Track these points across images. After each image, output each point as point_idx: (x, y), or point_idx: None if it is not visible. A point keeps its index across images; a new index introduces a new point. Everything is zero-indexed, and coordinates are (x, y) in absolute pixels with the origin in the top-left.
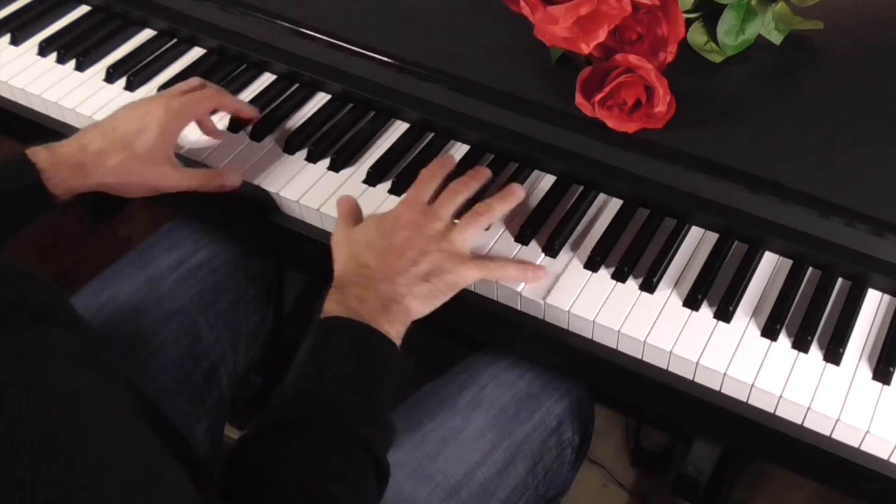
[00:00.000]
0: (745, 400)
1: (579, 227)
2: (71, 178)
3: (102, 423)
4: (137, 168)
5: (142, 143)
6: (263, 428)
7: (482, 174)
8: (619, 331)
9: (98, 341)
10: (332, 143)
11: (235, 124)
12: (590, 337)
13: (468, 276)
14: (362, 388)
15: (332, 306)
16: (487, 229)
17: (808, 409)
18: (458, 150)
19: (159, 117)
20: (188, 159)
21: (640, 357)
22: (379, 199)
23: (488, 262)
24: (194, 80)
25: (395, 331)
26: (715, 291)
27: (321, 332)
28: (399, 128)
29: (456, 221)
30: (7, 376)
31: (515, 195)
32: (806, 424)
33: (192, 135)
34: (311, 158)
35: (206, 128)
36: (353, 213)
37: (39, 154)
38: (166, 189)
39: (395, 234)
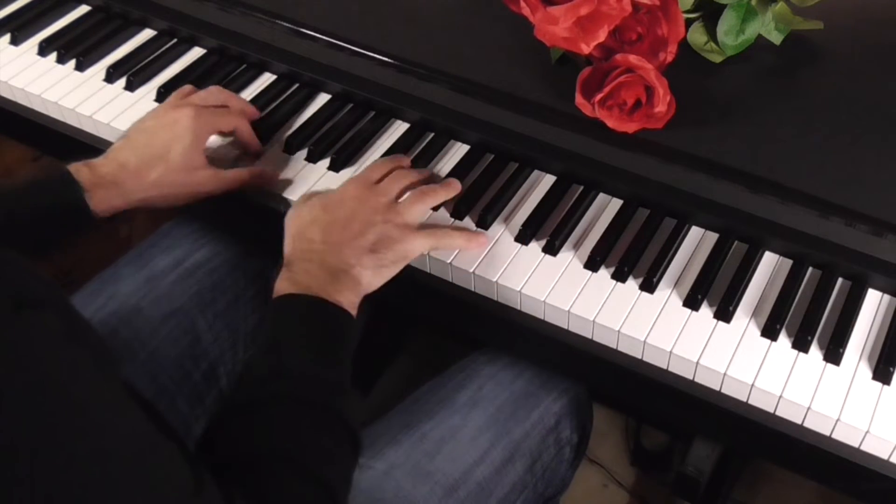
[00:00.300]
0: (745, 400)
1: (579, 227)
2: (112, 198)
3: (94, 398)
4: (177, 179)
5: (176, 153)
6: (236, 407)
7: (426, 174)
8: (619, 331)
9: (89, 328)
10: (332, 143)
11: None
12: (590, 337)
13: (417, 245)
14: (325, 359)
15: (281, 284)
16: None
17: (808, 409)
18: (458, 150)
19: (188, 125)
20: None
21: (640, 357)
22: None
23: (435, 230)
24: (215, 90)
25: (347, 300)
26: (715, 291)
27: (274, 310)
28: (399, 128)
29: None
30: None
31: (453, 187)
32: (806, 424)
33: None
34: (312, 158)
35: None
36: (305, 195)
37: (82, 172)
38: (207, 194)
39: (340, 208)
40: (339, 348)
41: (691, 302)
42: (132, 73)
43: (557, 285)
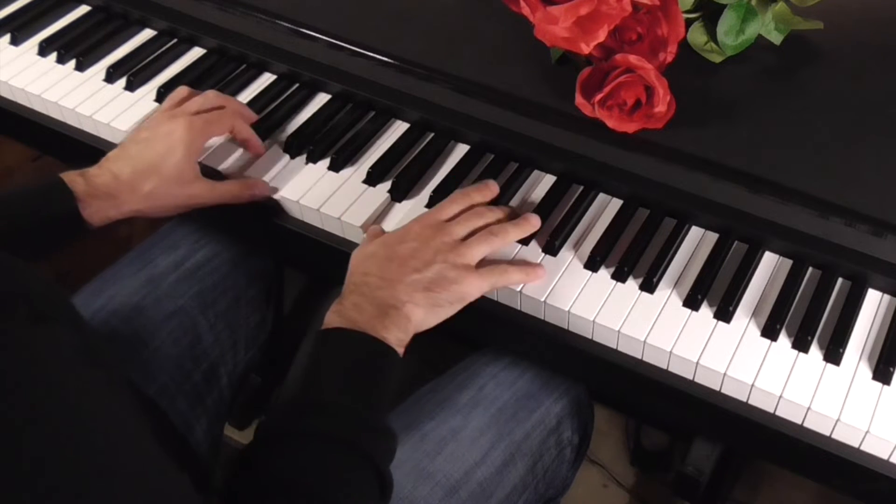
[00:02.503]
0: (745, 400)
1: (579, 227)
2: (106, 208)
3: (105, 419)
4: (170, 191)
5: (170, 165)
6: (265, 438)
7: (506, 212)
8: (619, 331)
9: (98, 340)
10: (332, 144)
11: None
12: (590, 337)
13: (476, 287)
14: (362, 397)
15: (330, 318)
16: None
17: (808, 409)
18: (458, 151)
19: (183, 137)
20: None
21: (640, 357)
22: (379, 199)
23: (493, 269)
24: (211, 95)
25: (394, 337)
26: (715, 291)
27: (318, 342)
28: (399, 128)
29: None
30: (9, 367)
31: (531, 224)
32: (806, 424)
33: None
34: (312, 158)
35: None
36: (374, 234)
37: (77, 182)
38: (199, 206)
39: (402, 245)
40: (380, 386)
41: (691, 302)
42: (132, 73)
43: (557, 285)
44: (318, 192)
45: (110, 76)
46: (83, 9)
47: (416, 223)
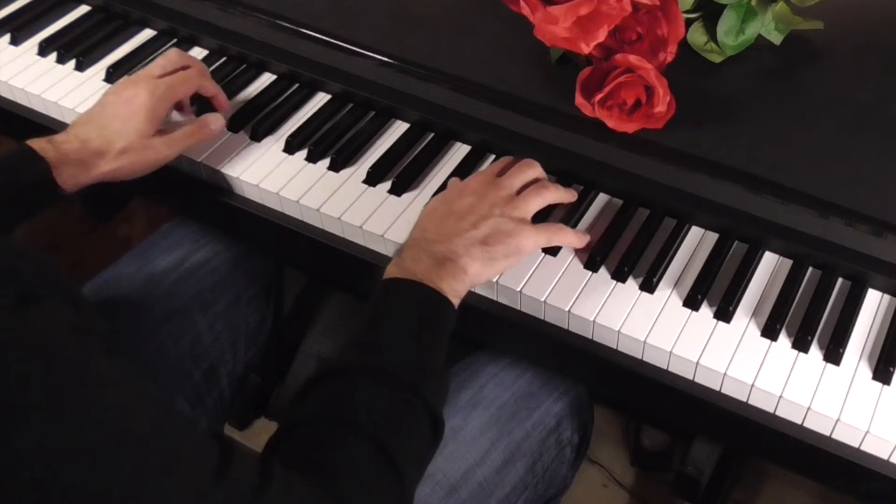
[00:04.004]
0: (745, 400)
1: (579, 228)
2: (78, 174)
3: (107, 382)
4: (136, 155)
5: (133, 129)
6: (325, 372)
7: (557, 186)
8: (619, 331)
9: (98, 316)
10: (332, 143)
11: (236, 123)
12: (590, 337)
13: (530, 240)
14: (418, 341)
15: (391, 269)
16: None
17: (808, 409)
18: (459, 150)
19: (145, 102)
20: (190, 159)
21: (640, 357)
22: (379, 199)
23: (549, 226)
24: (174, 56)
25: (450, 287)
26: (715, 291)
27: (377, 292)
28: (399, 128)
29: None
30: (2, 347)
31: (573, 194)
32: (806, 424)
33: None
34: (311, 158)
35: (184, 110)
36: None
37: (46, 150)
38: (165, 162)
39: (459, 201)
40: (435, 331)
41: (691, 302)
42: (132, 73)
43: (557, 285)
44: (318, 192)
45: (110, 76)
46: (83, 9)
47: (473, 179)
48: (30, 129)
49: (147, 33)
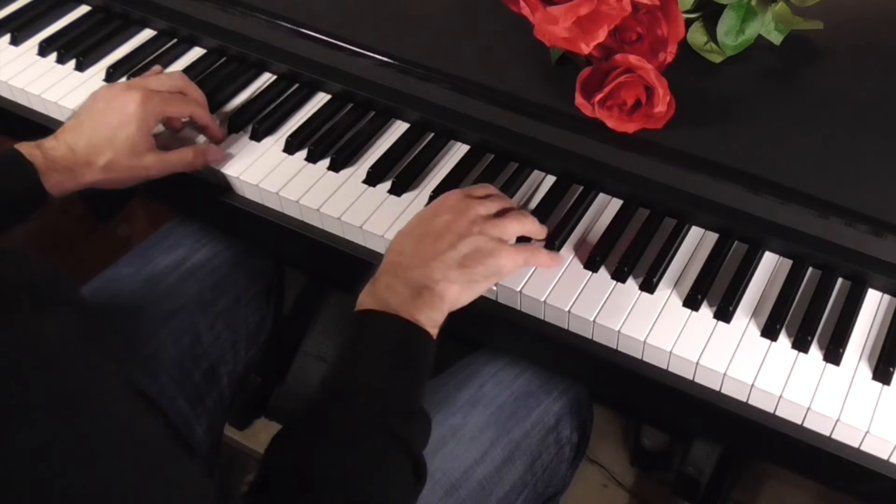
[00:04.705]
0: (745, 400)
1: (579, 227)
2: (65, 181)
3: (113, 401)
4: (124, 164)
5: (123, 139)
6: (297, 424)
7: (534, 219)
8: (618, 331)
9: (102, 327)
10: (332, 143)
11: (236, 123)
12: (589, 337)
13: (512, 260)
14: (394, 382)
15: (363, 298)
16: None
17: (808, 409)
18: (458, 150)
19: (135, 112)
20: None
21: (639, 357)
22: (379, 199)
23: (526, 246)
24: (177, 77)
25: (427, 317)
26: (715, 291)
27: (352, 326)
28: (399, 128)
29: None
30: (18, 356)
31: (545, 231)
32: (806, 425)
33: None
34: (311, 158)
35: (174, 125)
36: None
37: (35, 155)
38: (153, 177)
39: (436, 219)
40: (411, 369)
41: (691, 302)
42: (132, 73)
43: (557, 285)
44: (318, 193)
45: (110, 76)
46: (83, 9)
47: (451, 195)
48: (30, 129)
49: (147, 33)
